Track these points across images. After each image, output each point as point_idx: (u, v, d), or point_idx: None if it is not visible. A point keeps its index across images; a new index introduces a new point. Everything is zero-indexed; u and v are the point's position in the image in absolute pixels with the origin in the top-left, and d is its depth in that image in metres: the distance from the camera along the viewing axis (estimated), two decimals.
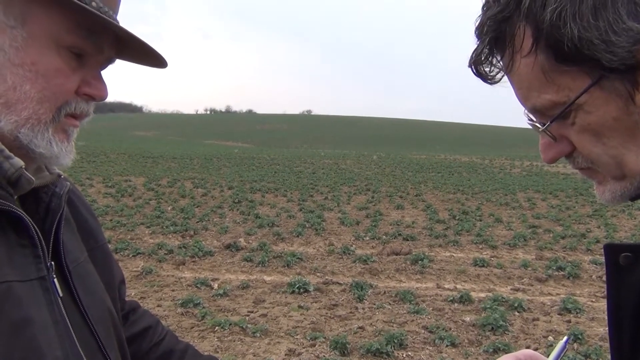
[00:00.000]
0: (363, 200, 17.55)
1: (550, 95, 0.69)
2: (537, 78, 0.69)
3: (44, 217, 0.87)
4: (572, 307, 6.49)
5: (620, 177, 0.71)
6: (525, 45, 0.68)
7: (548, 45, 0.66)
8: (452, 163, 45.44)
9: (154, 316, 1.25)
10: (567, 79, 0.67)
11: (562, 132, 0.72)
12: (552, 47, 0.66)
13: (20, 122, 0.79)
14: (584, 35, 0.63)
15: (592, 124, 0.68)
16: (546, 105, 0.70)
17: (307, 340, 5.41)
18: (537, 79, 0.69)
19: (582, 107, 0.68)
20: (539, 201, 18.63)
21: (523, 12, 0.67)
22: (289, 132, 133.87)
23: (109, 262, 1.07)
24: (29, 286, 0.77)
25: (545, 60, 0.67)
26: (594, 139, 0.69)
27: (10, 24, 0.78)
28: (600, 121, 0.68)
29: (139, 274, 7.64)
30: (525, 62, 0.69)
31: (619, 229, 12.76)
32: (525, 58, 0.69)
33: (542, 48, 0.67)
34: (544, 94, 0.69)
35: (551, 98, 0.69)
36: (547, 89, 0.69)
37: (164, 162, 36.89)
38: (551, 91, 0.69)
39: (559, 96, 0.68)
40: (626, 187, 0.72)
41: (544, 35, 0.66)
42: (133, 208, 14.08)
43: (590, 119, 0.68)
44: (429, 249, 9.96)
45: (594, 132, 0.69)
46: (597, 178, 0.75)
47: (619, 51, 0.63)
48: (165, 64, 0.92)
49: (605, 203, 0.76)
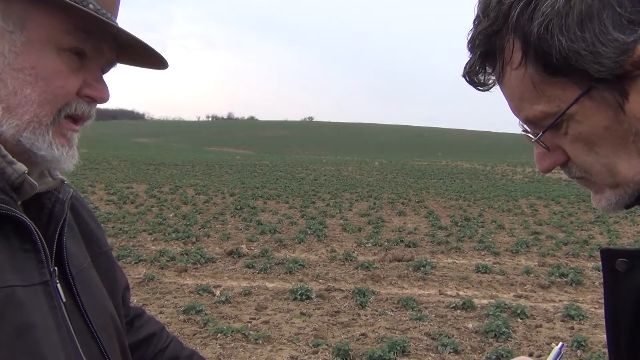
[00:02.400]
0: (365, 207, 17.53)
1: (541, 106, 0.70)
2: (528, 90, 0.70)
3: (47, 222, 0.87)
4: (575, 314, 6.46)
5: (614, 185, 0.72)
6: (514, 58, 0.69)
7: (537, 57, 0.67)
8: (454, 169, 45.40)
9: (159, 322, 1.25)
10: (557, 90, 0.68)
11: (555, 142, 0.73)
12: (541, 59, 0.67)
13: (22, 126, 0.79)
14: (571, 47, 0.64)
15: (583, 134, 0.69)
16: (538, 116, 0.71)
17: (310, 347, 5.40)
18: (528, 91, 0.70)
19: (574, 117, 0.69)
20: (541, 208, 18.58)
21: (511, 25, 0.68)
22: (290, 138, 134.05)
23: (113, 269, 1.07)
24: (32, 291, 0.77)
25: (534, 72, 0.68)
26: (586, 148, 0.70)
27: (9, 29, 0.78)
28: (592, 130, 0.69)
29: (141, 281, 7.63)
30: (516, 75, 0.70)
31: (621, 236, 12.72)
32: (515, 70, 0.70)
33: (531, 60, 0.68)
34: (535, 105, 0.70)
35: (542, 109, 0.70)
36: (538, 100, 0.70)
37: (166, 169, 36.95)
38: (542, 102, 0.70)
39: (550, 107, 0.69)
40: (621, 194, 0.72)
41: (533, 47, 0.67)
42: (135, 215, 14.09)
43: (581, 129, 0.69)
44: (431, 255, 9.93)
45: (586, 141, 0.70)
46: (592, 187, 0.76)
47: (606, 62, 0.63)
48: (166, 64, 0.93)
49: (602, 212, 0.77)
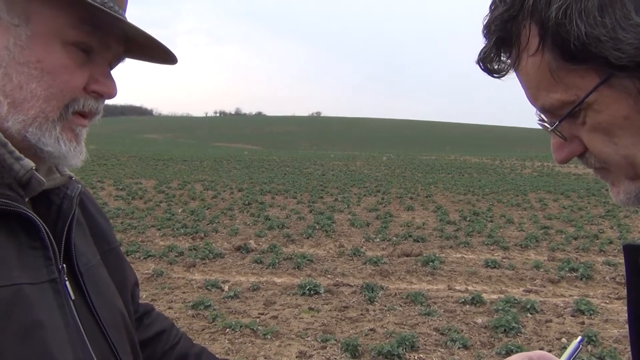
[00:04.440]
0: (373, 202, 17.50)
1: (558, 95, 0.67)
2: (545, 77, 0.67)
3: (55, 219, 0.86)
4: (585, 309, 6.42)
5: (633, 177, 0.69)
6: (531, 44, 0.67)
7: (554, 43, 0.64)
8: (463, 164, 45.23)
9: (168, 319, 1.24)
10: (575, 78, 0.65)
11: (573, 132, 0.71)
12: (559, 46, 0.64)
13: (28, 121, 0.78)
14: (590, 32, 0.61)
15: (602, 123, 0.66)
16: (555, 105, 0.69)
17: (318, 342, 5.40)
18: (544, 78, 0.67)
19: (592, 106, 0.66)
20: (550, 202, 18.48)
21: (528, 10, 0.65)
22: (298, 134, 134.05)
23: (122, 265, 1.06)
24: (40, 289, 0.76)
25: (552, 59, 0.65)
26: (605, 138, 0.67)
27: (14, 23, 0.77)
28: (611, 120, 0.65)
29: (149, 276, 7.66)
30: (533, 61, 0.67)
31: (632, 230, 12.62)
32: (532, 57, 0.67)
33: (548, 47, 0.65)
34: (552, 93, 0.68)
35: (560, 97, 0.67)
36: (555, 88, 0.67)
37: (174, 164, 37.08)
38: (560, 90, 0.67)
39: (567, 95, 0.67)
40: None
41: (550, 33, 0.64)
42: (144, 210, 14.15)
43: (600, 118, 0.66)
44: (439, 250, 9.90)
45: (605, 131, 0.67)
46: (610, 179, 0.72)
47: (627, 48, 0.60)
48: (175, 59, 0.91)
49: (620, 205, 0.74)
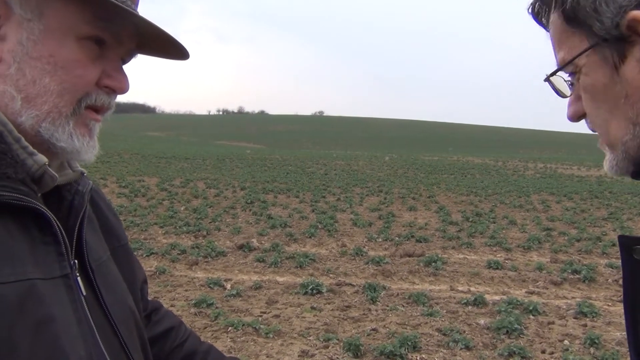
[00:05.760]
0: (375, 202, 17.50)
1: (563, 53, 0.76)
2: (559, 34, 0.76)
3: (66, 215, 0.86)
4: (588, 311, 6.41)
5: (610, 144, 0.75)
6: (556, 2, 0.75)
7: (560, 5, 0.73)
8: (465, 165, 45.18)
9: (176, 317, 1.24)
10: (575, 40, 0.73)
11: (578, 92, 0.77)
12: (561, 6, 0.73)
13: (41, 117, 0.78)
14: (581, 1, 0.69)
15: (588, 87, 0.74)
16: (560, 62, 0.77)
17: (320, 341, 5.40)
18: (558, 35, 0.76)
19: (582, 70, 0.73)
20: (553, 203, 18.45)
21: None
22: (301, 133, 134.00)
23: (131, 262, 1.06)
24: (52, 284, 0.76)
25: (559, 18, 0.74)
26: (592, 102, 0.74)
27: (27, 17, 0.77)
28: (595, 84, 0.72)
29: (152, 273, 7.67)
30: (554, 17, 0.76)
31: (635, 232, 12.60)
32: (554, 13, 0.76)
33: (558, 5, 0.74)
34: (561, 50, 0.76)
35: (563, 56, 0.76)
36: (563, 46, 0.75)
37: (177, 162, 37.11)
38: (565, 48, 0.75)
39: (568, 55, 0.75)
40: (617, 157, 0.75)
41: None
42: (146, 208, 14.17)
43: (587, 81, 0.73)
44: (442, 250, 9.89)
45: (591, 94, 0.74)
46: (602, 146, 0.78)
47: (606, 21, 0.68)
48: (188, 55, 0.91)
49: (609, 174, 0.79)
